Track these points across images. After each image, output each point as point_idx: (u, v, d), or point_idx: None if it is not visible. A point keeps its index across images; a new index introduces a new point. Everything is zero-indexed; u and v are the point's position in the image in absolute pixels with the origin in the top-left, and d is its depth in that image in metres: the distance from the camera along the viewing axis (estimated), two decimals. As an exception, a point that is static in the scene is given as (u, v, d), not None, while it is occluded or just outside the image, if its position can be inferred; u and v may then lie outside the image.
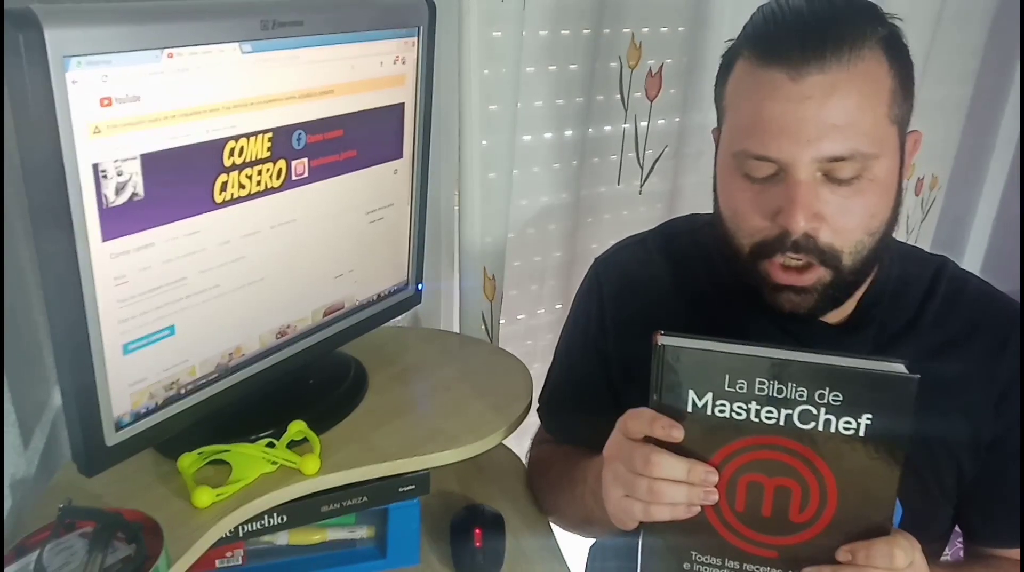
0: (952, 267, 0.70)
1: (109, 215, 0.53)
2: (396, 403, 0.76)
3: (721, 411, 0.51)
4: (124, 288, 0.56)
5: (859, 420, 0.49)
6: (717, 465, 0.52)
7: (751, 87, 0.58)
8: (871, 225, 0.59)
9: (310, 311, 0.74)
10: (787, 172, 0.57)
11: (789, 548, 0.52)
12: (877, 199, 0.59)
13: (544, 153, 1.06)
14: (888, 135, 0.58)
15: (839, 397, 0.49)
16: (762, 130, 0.57)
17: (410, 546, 0.73)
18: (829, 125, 0.55)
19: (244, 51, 0.59)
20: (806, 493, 0.51)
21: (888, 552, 0.49)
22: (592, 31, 1.01)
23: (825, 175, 0.57)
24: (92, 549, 0.52)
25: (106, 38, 0.50)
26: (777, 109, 0.56)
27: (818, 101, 0.55)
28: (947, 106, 1.38)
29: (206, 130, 0.58)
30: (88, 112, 0.50)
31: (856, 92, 0.56)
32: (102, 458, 0.58)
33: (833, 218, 0.58)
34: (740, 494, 0.52)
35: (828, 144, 0.56)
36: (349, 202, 0.73)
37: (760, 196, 0.59)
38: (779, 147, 0.56)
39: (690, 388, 0.51)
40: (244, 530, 0.66)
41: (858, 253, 0.59)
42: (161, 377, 0.61)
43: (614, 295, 0.75)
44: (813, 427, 0.50)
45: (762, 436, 0.51)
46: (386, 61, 0.71)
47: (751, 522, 0.52)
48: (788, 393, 0.49)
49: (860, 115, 0.56)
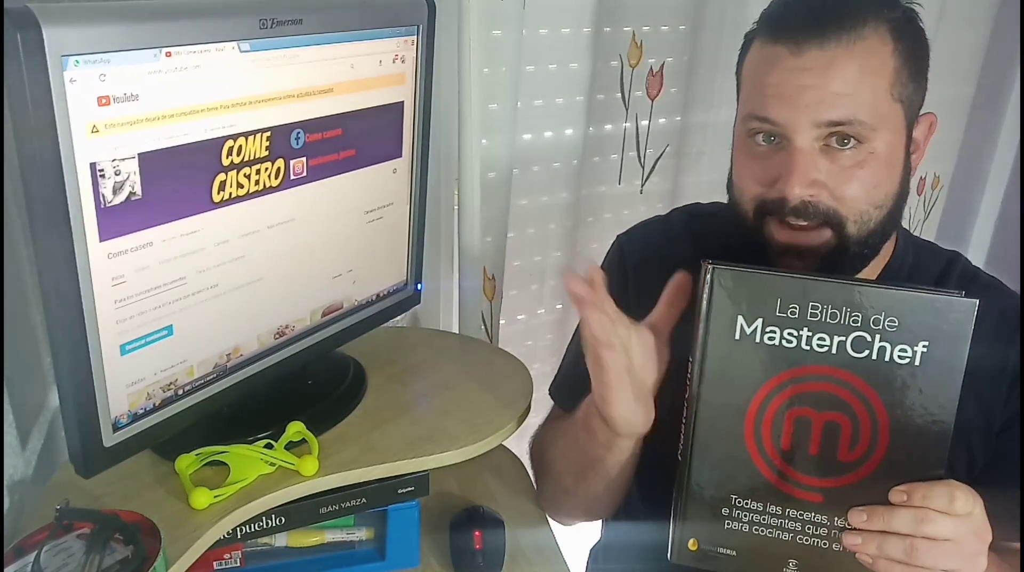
0: (964, 261, 0.71)
1: (107, 215, 0.53)
2: (395, 404, 0.76)
3: (771, 338, 0.49)
4: (122, 288, 0.56)
5: (915, 348, 0.47)
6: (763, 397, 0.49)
7: (759, 61, 0.62)
8: (874, 196, 0.60)
9: (309, 311, 0.73)
10: (788, 139, 0.60)
11: (835, 491, 0.49)
12: (878, 172, 0.60)
13: (544, 152, 1.05)
14: (890, 111, 0.60)
15: (895, 322, 0.47)
16: (765, 95, 0.60)
17: (409, 548, 0.73)
18: (828, 92, 0.58)
19: (242, 50, 0.58)
20: (856, 429, 0.48)
21: (948, 494, 0.47)
22: (592, 30, 1.01)
23: (825, 144, 0.59)
24: (90, 550, 0.51)
25: (104, 37, 0.50)
26: (778, 78, 0.60)
27: (817, 71, 0.58)
28: (949, 105, 1.38)
29: (204, 129, 0.57)
30: (86, 111, 0.50)
31: (855, 65, 0.58)
32: (100, 459, 0.58)
33: (833, 186, 0.59)
34: (786, 430, 0.49)
35: (826, 108, 0.58)
36: (348, 201, 0.73)
37: (764, 162, 0.62)
38: (780, 110, 0.59)
39: (739, 313, 0.49)
40: (242, 532, 0.66)
41: (864, 223, 0.60)
42: (159, 377, 0.61)
43: (637, 266, 0.76)
44: (867, 355, 0.47)
45: (813, 365, 0.48)
46: (385, 60, 0.71)
47: (797, 461, 0.50)
48: (842, 318, 0.47)
49: (859, 86, 0.58)
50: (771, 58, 0.60)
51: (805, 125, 0.59)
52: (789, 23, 0.60)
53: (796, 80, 0.59)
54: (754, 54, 0.64)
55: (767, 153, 0.62)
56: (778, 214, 0.61)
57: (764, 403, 0.49)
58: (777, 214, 0.61)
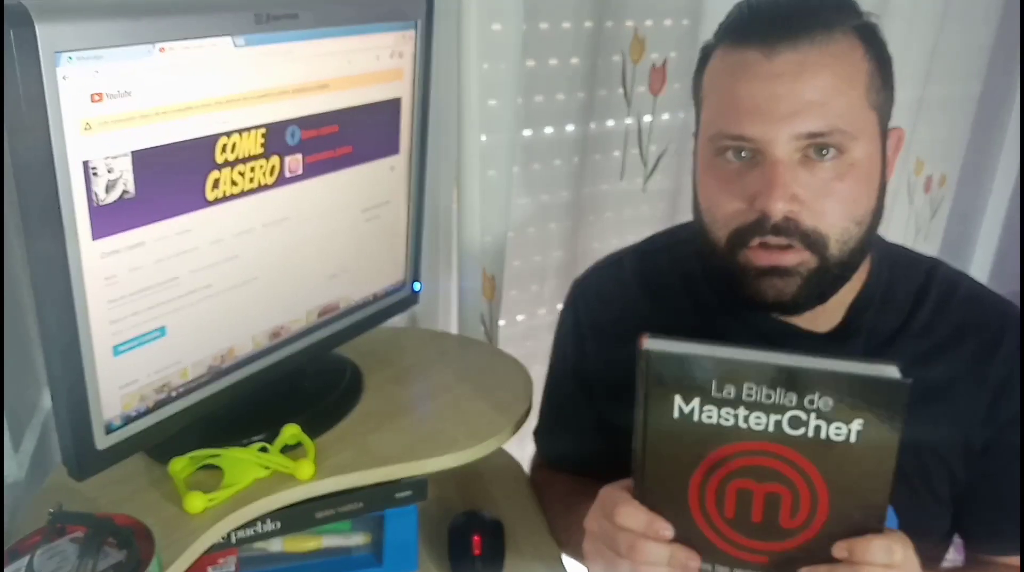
0: (943, 270, 0.68)
1: (99, 213, 0.52)
2: (393, 406, 0.75)
3: (709, 417, 0.50)
4: (114, 288, 0.55)
5: (850, 426, 0.48)
6: (705, 471, 0.51)
7: (726, 70, 0.59)
8: (855, 212, 0.58)
9: (304, 311, 0.73)
10: (763, 153, 0.57)
11: (780, 554, 0.51)
12: (857, 184, 0.58)
13: (545, 149, 1.05)
14: (867, 120, 0.58)
15: (829, 402, 0.48)
16: (737, 109, 0.57)
17: (407, 553, 0.72)
18: (804, 101, 0.55)
19: (237, 45, 0.58)
20: (796, 499, 0.50)
21: (886, 547, 0.49)
22: (594, 24, 1.00)
23: (804, 156, 0.56)
24: (83, 554, 0.51)
25: (98, 33, 0.49)
26: (751, 87, 0.56)
27: (791, 77, 0.55)
28: (955, 104, 1.38)
29: (198, 126, 0.57)
30: (79, 108, 0.49)
31: (829, 71, 0.56)
32: (93, 462, 0.58)
33: (813, 201, 0.56)
34: (729, 500, 0.51)
35: (803, 120, 0.55)
36: (344, 199, 0.72)
37: (737, 180, 0.58)
38: (753, 126, 0.56)
39: (676, 393, 0.50)
40: (237, 536, 0.65)
41: (845, 242, 0.58)
42: (152, 379, 0.60)
43: (592, 321, 0.75)
44: (803, 433, 0.49)
45: (751, 442, 0.50)
46: (383, 55, 0.70)
47: (741, 528, 0.52)
48: (777, 398, 0.48)
49: (835, 93, 0.56)
50: (740, 65, 0.57)
51: (783, 138, 0.55)
52: (758, 26, 0.57)
53: (769, 89, 0.55)
54: (717, 65, 0.60)
55: (740, 170, 0.58)
56: (758, 235, 0.57)
57: (707, 476, 0.51)
58: (757, 235, 0.57)
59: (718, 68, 0.60)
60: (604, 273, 0.77)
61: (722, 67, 0.59)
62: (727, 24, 0.61)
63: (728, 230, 0.59)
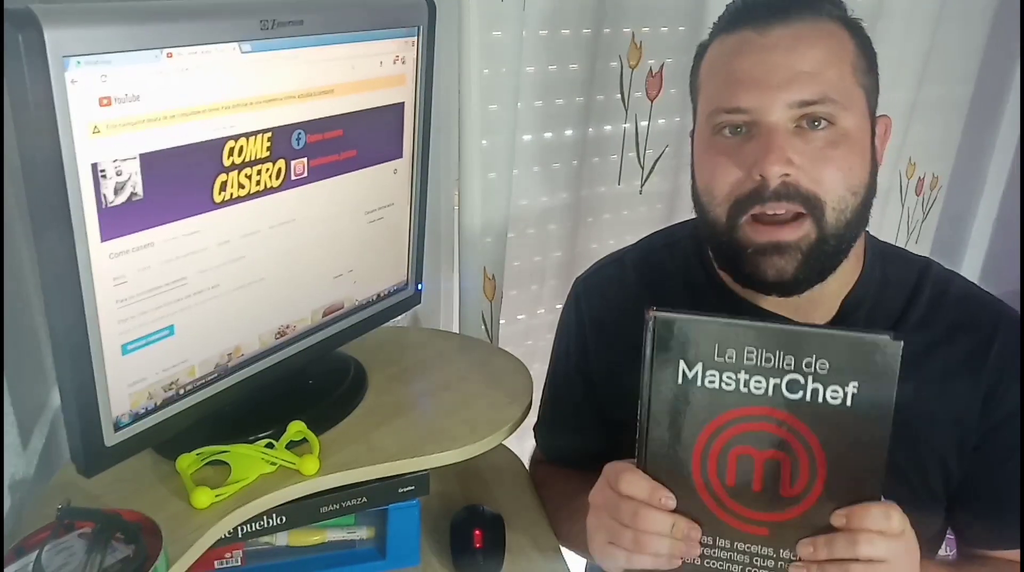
0: (936, 269, 0.69)
1: (108, 215, 0.53)
2: (396, 403, 0.76)
3: (711, 381, 0.51)
4: (123, 288, 0.56)
5: (846, 389, 0.49)
6: (707, 437, 0.51)
7: (722, 54, 0.62)
8: (849, 180, 0.60)
9: (310, 311, 0.73)
10: (759, 124, 0.59)
11: (780, 525, 0.52)
12: (851, 154, 0.60)
13: (544, 153, 1.05)
14: (855, 94, 0.61)
15: (826, 365, 0.49)
16: (733, 82, 0.60)
17: (410, 547, 0.73)
18: (797, 70, 0.58)
19: (243, 51, 0.58)
20: (795, 466, 0.51)
21: (884, 513, 0.49)
22: (592, 31, 1.01)
23: (797, 126, 0.59)
24: (91, 550, 0.51)
25: (106, 38, 0.50)
26: (747, 61, 0.60)
27: (785, 49, 0.59)
28: (947, 105, 1.38)
29: (205, 130, 0.57)
30: (87, 112, 0.50)
31: (821, 45, 0.59)
32: (101, 459, 0.58)
33: (809, 166, 0.58)
34: (730, 468, 0.52)
35: (798, 88, 0.58)
36: (348, 202, 0.73)
37: (735, 153, 0.60)
38: (750, 96, 0.59)
39: (680, 358, 0.51)
40: (243, 531, 0.66)
41: (841, 211, 0.59)
42: (160, 377, 0.61)
43: (594, 317, 0.76)
44: (801, 396, 0.50)
45: (751, 407, 0.50)
46: (386, 61, 0.71)
47: (742, 497, 0.52)
48: (776, 362, 0.49)
49: (826, 65, 0.59)
50: (736, 45, 0.61)
51: (778, 106, 0.58)
52: (751, 10, 0.61)
53: (764, 60, 0.59)
54: (714, 51, 0.64)
55: (737, 144, 0.60)
56: (757, 203, 0.59)
57: (709, 442, 0.52)
58: (756, 203, 0.59)
59: (714, 55, 0.64)
60: (606, 270, 0.79)
61: (718, 53, 0.63)
62: (721, 20, 0.64)
63: (728, 203, 0.61)
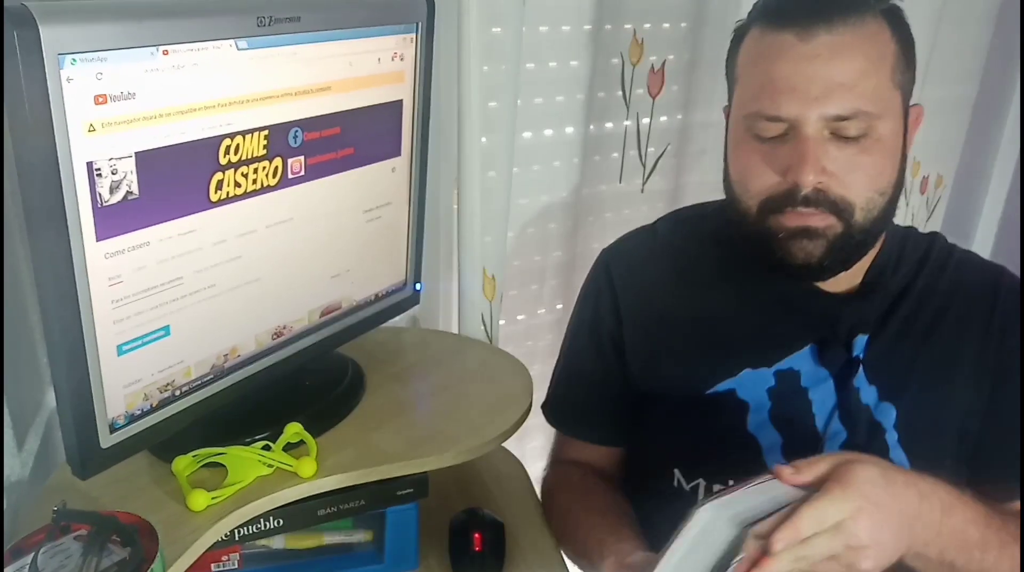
0: (941, 239, 0.74)
1: (103, 214, 0.53)
2: (394, 405, 0.76)
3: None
4: (119, 288, 0.55)
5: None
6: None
7: (762, 52, 0.62)
8: (879, 183, 0.62)
9: (307, 311, 0.73)
10: (796, 130, 0.61)
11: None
12: (882, 158, 0.62)
13: (545, 151, 1.05)
14: (892, 98, 0.62)
15: None
16: (772, 89, 0.61)
17: (408, 550, 0.73)
18: (835, 83, 0.59)
19: (240, 48, 0.58)
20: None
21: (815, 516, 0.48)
22: (593, 27, 1.00)
23: (832, 133, 0.60)
24: (87, 552, 0.51)
25: (101, 35, 0.50)
26: (787, 68, 0.60)
27: (825, 59, 0.59)
28: (951, 105, 1.38)
29: (201, 128, 0.57)
30: (83, 110, 0.50)
31: (861, 54, 0.60)
32: (96, 460, 0.58)
33: (841, 174, 0.61)
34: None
35: (834, 102, 0.59)
36: (346, 201, 0.72)
37: (770, 155, 0.62)
38: (788, 105, 0.60)
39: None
40: (240, 533, 0.65)
41: (870, 210, 0.62)
42: (156, 378, 0.61)
43: (624, 282, 0.77)
44: None
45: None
46: (384, 58, 0.71)
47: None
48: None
49: (864, 76, 0.60)
50: (776, 47, 0.61)
51: (813, 117, 0.60)
52: (793, 9, 0.60)
53: (804, 70, 0.59)
54: (752, 46, 0.64)
55: (772, 147, 0.62)
56: (789, 205, 0.61)
57: None
58: (788, 206, 0.61)
59: (752, 50, 0.64)
60: (637, 238, 0.80)
61: (757, 49, 0.63)
62: (762, 7, 0.65)
63: (759, 200, 0.63)
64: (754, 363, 0.69)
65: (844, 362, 0.67)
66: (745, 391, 0.69)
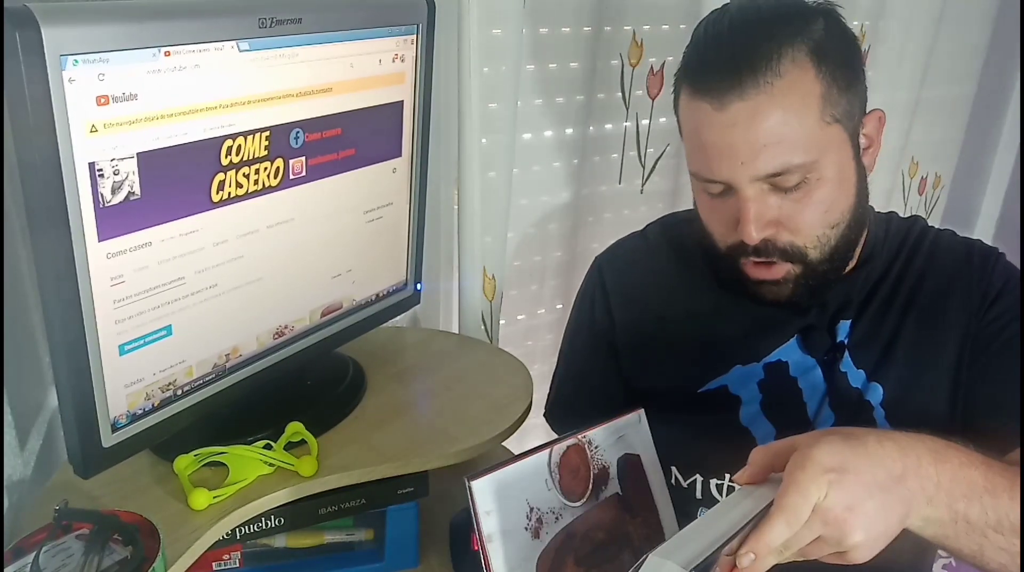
0: (922, 222, 0.75)
1: (105, 214, 0.53)
2: (395, 404, 0.76)
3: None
4: (120, 288, 0.56)
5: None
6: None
7: (689, 116, 0.63)
8: (828, 219, 0.63)
9: (308, 311, 0.73)
10: (734, 190, 0.62)
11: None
12: (831, 193, 0.62)
13: (544, 152, 1.05)
14: (827, 135, 0.61)
15: None
16: (704, 155, 0.62)
17: (409, 549, 0.73)
18: (759, 146, 0.59)
19: (242, 49, 0.58)
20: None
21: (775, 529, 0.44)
22: (593, 29, 1.01)
23: (771, 186, 0.61)
24: (88, 551, 0.51)
25: (103, 37, 0.50)
26: (711, 136, 0.61)
27: (744, 126, 0.59)
28: (950, 105, 1.38)
29: (203, 129, 0.57)
30: (85, 111, 0.50)
31: (779, 110, 0.59)
32: (98, 460, 0.58)
33: (787, 221, 0.62)
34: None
35: (762, 163, 0.59)
36: (347, 201, 0.73)
37: (720, 208, 0.64)
38: (719, 170, 0.61)
39: None
40: (241, 532, 0.66)
41: (823, 246, 0.64)
42: (158, 378, 0.61)
43: (616, 285, 0.78)
44: None
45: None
46: (385, 59, 0.71)
47: None
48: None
49: (788, 130, 0.59)
50: (699, 114, 0.61)
51: (747, 180, 0.60)
52: (707, 78, 0.60)
53: (726, 138, 0.60)
54: (684, 106, 0.64)
55: (722, 199, 0.64)
56: (743, 255, 0.64)
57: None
58: (742, 255, 0.64)
59: (684, 111, 0.64)
60: (628, 243, 0.81)
61: (687, 112, 0.64)
62: (684, 64, 0.64)
63: (724, 244, 0.66)
64: (744, 359, 0.70)
65: (829, 348, 0.68)
66: (736, 386, 0.70)
